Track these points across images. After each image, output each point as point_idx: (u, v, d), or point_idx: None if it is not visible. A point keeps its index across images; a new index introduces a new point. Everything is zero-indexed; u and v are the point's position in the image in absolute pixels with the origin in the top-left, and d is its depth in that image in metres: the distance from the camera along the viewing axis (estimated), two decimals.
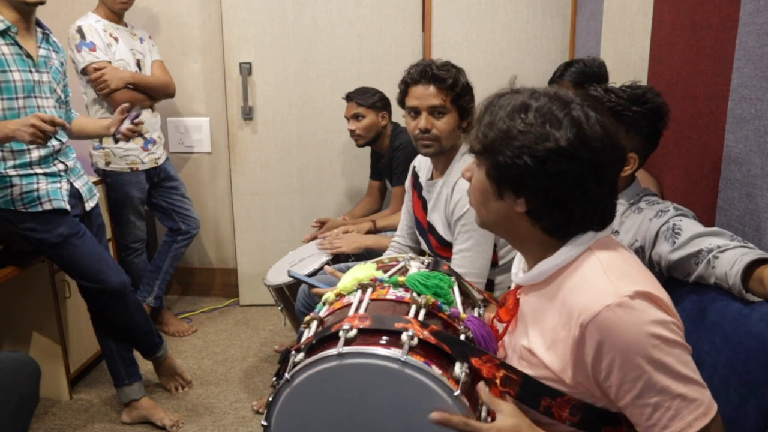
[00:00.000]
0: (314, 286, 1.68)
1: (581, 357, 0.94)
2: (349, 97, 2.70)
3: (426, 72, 1.78)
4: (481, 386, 1.00)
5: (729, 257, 1.17)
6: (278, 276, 2.41)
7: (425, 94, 1.78)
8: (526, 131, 0.95)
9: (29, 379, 1.60)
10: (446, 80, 1.76)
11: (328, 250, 2.38)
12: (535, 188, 0.96)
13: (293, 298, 2.29)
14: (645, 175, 1.82)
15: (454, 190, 1.78)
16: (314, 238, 2.64)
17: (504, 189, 0.99)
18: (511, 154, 0.96)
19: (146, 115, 2.78)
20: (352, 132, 2.68)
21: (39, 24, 2.06)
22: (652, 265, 1.34)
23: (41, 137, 1.80)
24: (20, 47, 1.96)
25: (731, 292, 1.17)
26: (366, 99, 2.65)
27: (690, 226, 1.28)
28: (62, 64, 2.16)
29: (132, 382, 2.29)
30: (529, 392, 0.99)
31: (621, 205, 1.43)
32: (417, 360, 0.97)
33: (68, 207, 2.08)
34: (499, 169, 0.98)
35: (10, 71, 1.93)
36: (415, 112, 1.81)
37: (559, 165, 0.94)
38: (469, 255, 1.76)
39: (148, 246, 3.04)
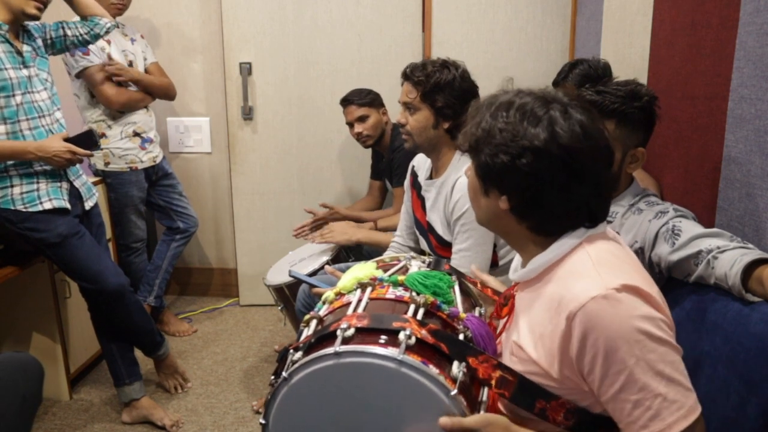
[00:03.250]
0: (314, 286, 1.69)
1: (567, 350, 0.95)
2: (347, 101, 2.68)
3: (405, 69, 1.83)
4: (445, 421, 0.96)
5: (728, 258, 1.17)
6: (278, 276, 2.41)
7: (403, 91, 1.84)
8: (505, 129, 0.98)
9: (33, 379, 1.60)
10: (415, 77, 1.79)
11: (318, 242, 2.38)
12: (513, 186, 0.99)
13: (293, 298, 2.29)
14: (645, 175, 1.82)
15: (453, 190, 1.78)
16: (305, 227, 2.66)
17: (489, 186, 1.03)
18: (490, 152, 0.99)
19: (141, 115, 2.79)
20: (359, 135, 2.65)
21: None
22: (652, 266, 1.34)
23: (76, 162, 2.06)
24: (11, 45, 1.97)
25: (731, 292, 1.17)
26: (363, 98, 2.65)
27: (689, 227, 1.28)
28: (41, 47, 2.15)
29: (132, 381, 2.28)
30: (524, 394, 0.99)
31: (621, 206, 1.44)
32: (414, 359, 0.97)
33: (69, 206, 2.08)
34: (482, 167, 1.02)
35: (6, 69, 1.94)
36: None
37: (533, 163, 0.95)
38: (469, 255, 1.75)
39: (148, 246, 3.04)
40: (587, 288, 0.93)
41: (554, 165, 0.95)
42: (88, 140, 2.09)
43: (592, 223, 1.02)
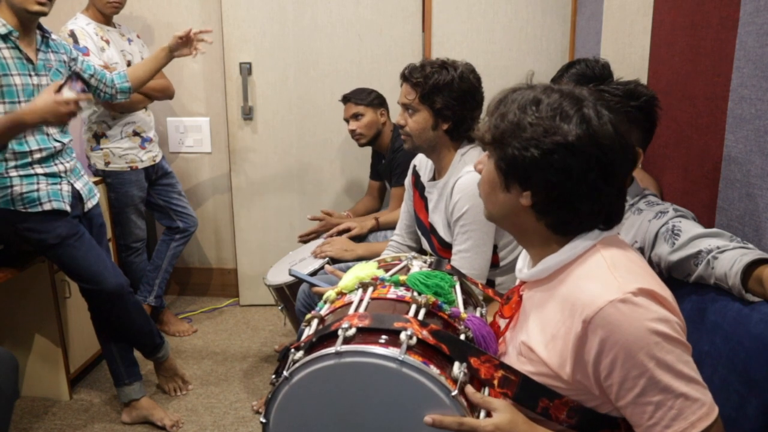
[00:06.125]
0: (315, 285, 1.69)
1: (582, 354, 0.94)
2: (346, 98, 2.71)
3: (404, 71, 1.83)
4: (470, 390, 0.99)
5: (728, 258, 1.17)
6: (278, 276, 2.41)
7: (402, 92, 1.84)
8: (536, 124, 0.96)
9: (8, 373, 1.59)
10: (413, 79, 1.78)
11: (319, 256, 2.37)
12: (540, 182, 0.97)
13: (293, 297, 2.29)
14: (645, 175, 1.82)
15: (453, 191, 1.78)
16: (311, 233, 2.67)
17: (511, 181, 1.00)
18: (519, 145, 0.96)
19: (140, 115, 2.79)
20: (353, 132, 2.69)
21: (39, 27, 2.06)
22: (652, 266, 1.34)
23: (73, 114, 1.84)
24: (20, 51, 1.96)
25: (731, 293, 1.17)
26: (363, 97, 2.67)
27: (689, 227, 1.28)
28: (63, 62, 2.15)
29: (132, 381, 2.28)
30: (526, 393, 0.99)
31: None
32: (415, 359, 0.97)
33: (68, 208, 2.08)
34: (507, 161, 0.99)
35: (11, 75, 1.93)
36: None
37: (565, 160, 0.94)
38: (468, 256, 1.75)
39: (148, 246, 3.04)
40: (604, 292, 0.92)
41: (587, 162, 0.94)
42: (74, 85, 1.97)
43: (607, 225, 1.01)
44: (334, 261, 2.34)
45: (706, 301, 1.23)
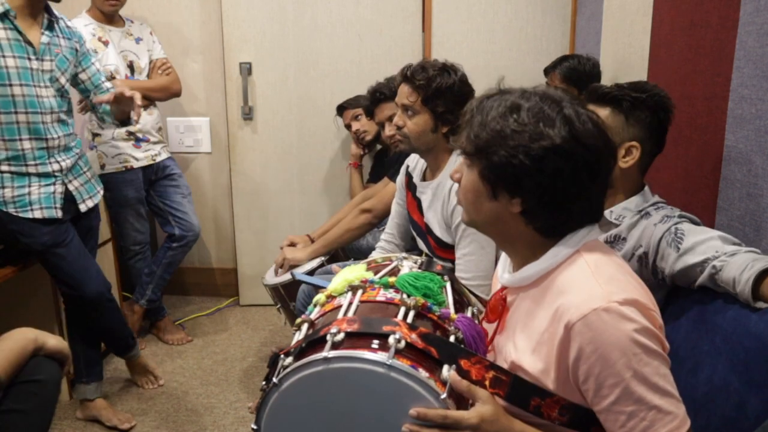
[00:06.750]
0: (320, 287, 1.68)
1: (564, 358, 0.95)
2: (341, 108, 2.66)
3: (404, 71, 1.79)
4: (455, 377, 0.98)
5: (739, 261, 1.14)
6: (275, 275, 2.41)
7: (401, 93, 1.80)
8: (521, 131, 0.96)
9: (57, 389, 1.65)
10: (416, 81, 1.74)
11: (281, 273, 2.37)
12: (531, 188, 0.97)
13: (289, 297, 2.29)
14: None
15: (451, 194, 1.77)
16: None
17: (499, 189, 1.00)
18: (506, 153, 0.96)
19: (142, 116, 2.69)
20: (356, 132, 2.66)
21: (48, 11, 1.99)
22: (656, 274, 1.32)
23: None
24: (20, 33, 1.88)
25: (736, 298, 1.15)
26: (358, 102, 2.61)
27: (692, 230, 1.25)
28: (75, 51, 2.08)
29: (90, 381, 2.28)
30: (518, 393, 0.99)
31: (628, 210, 1.39)
32: (403, 363, 0.97)
33: (59, 215, 2.03)
34: (494, 170, 0.98)
35: (3, 57, 1.86)
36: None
37: (556, 163, 0.94)
38: (474, 258, 1.74)
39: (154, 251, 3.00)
40: (588, 299, 0.92)
41: (576, 163, 0.95)
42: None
43: (593, 221, 1.02)
44: (329, 261, 2.34)
45: (706, 300, 1.23)
